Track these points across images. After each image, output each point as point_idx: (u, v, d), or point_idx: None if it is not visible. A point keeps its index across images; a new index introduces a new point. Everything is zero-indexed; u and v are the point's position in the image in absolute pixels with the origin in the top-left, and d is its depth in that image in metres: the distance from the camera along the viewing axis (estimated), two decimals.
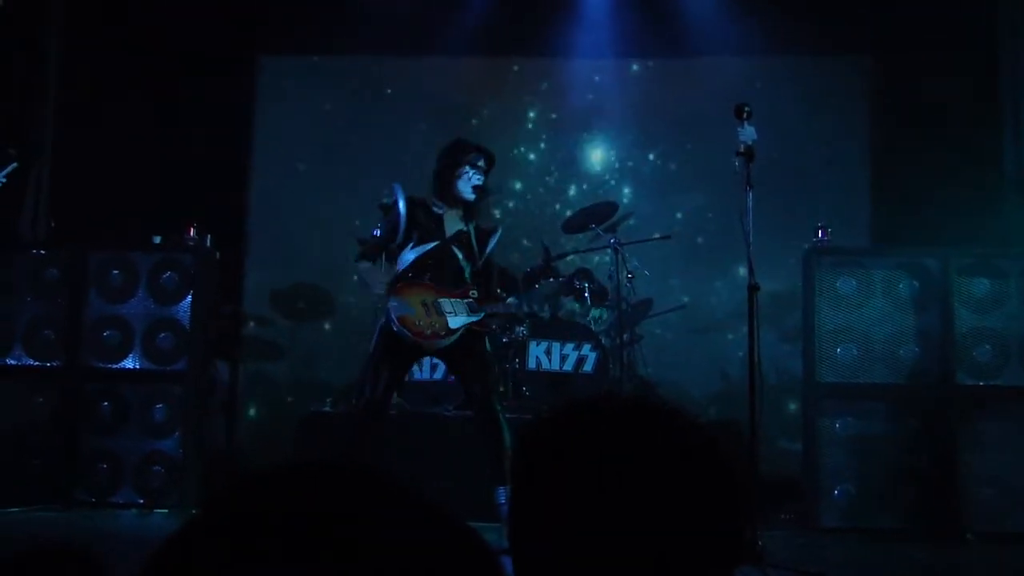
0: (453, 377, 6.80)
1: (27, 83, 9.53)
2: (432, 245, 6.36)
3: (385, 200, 6.57)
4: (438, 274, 6.34)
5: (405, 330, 6.19)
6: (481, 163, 6.42)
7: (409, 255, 6.37)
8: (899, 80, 9.65)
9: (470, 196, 6.40)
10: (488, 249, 6.53)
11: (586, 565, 1.29)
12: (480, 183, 6.40)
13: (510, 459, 5.93)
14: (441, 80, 10.35)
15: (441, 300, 6.26)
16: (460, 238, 6.44)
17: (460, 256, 6.42)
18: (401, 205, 6.37)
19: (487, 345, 6.47)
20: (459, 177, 6.37)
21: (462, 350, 6.34)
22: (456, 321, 6.25)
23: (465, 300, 6.32)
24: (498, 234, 6.62)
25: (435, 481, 6.98)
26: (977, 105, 9.19)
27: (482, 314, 6.34)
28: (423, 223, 6.38)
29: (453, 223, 6.45)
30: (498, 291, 6.69)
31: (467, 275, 6.43)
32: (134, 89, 9.71)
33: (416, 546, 1.00)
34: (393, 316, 6.19)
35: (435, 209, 6.42)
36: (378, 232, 6.47)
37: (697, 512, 1.32)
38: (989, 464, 7.42)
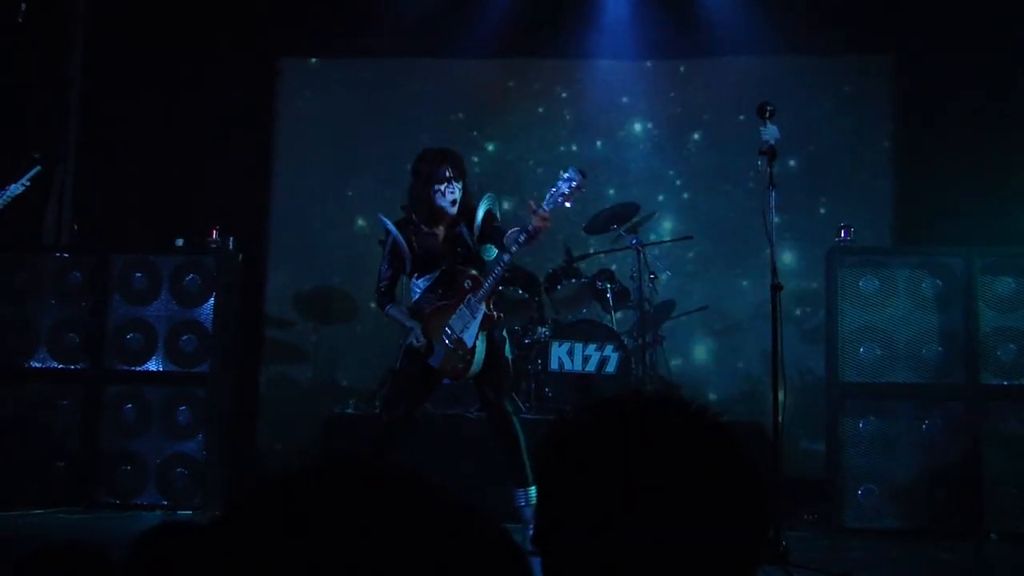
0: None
1: (50, 88, 9.58)
2: (437, 274, 6.33)
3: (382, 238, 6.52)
4: (449, 292, 6.30)
5: (449, 379, 6.36)
6: (448, 173, 6.22)
7: (419, 286, 6.38)
8: (922, 80, 9.60)
9: (453, 211, 6.27)
10: (477, 230, 6.36)
11: (613, 565, 1.29)
12: (456, 196, 6.25)
13: (533, 459, 5.97)
14: (462, 81, 10.35)
15: (451, 322, 6.23)
16: (457, 246, 6.35)
17: (466, 268, 6.33)
18: (397, 235, 6.32)
19: (507, 351, 6.47)
20: (434, 195, 6.22)
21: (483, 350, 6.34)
22: (470, 336, 6.22)
23: (465, 300, 6.23)
24: (484, 203, 6.41)
25: (456, 482, 6.98)
26: (1000, 104, 9.14)
27: (482, 308, 6.22)
28: (421, 252, 6.32)
29: (447, 231, 6.37)
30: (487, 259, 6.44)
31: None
32: (156, 93, 9.75)
33: (449, 547, 1.00)
34: (436, 368, 6.26)
35: (427, 229, 6.34)
36: (385, 268, 6.38)
37: (721, 511, 1.32)
38: (1013, 464, 7.39)
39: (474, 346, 6.21)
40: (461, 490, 1.12)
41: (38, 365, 8.19)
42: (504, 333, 6.49)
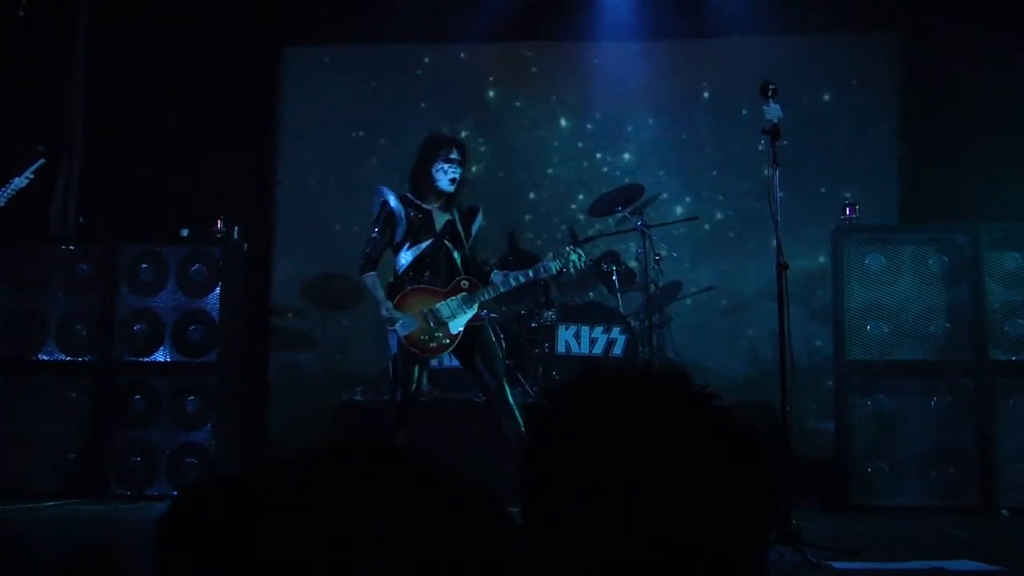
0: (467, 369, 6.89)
1: (54, 80, 9.58)
2: (427, 244, 6.61)
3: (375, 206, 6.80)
4: (435, 271, 6.61)
5: (414, 349, 6.51)
6: (454, 155, 6.63)
7: (406, 256, 6.63)
8: (927, 55, 9.55)
9: (449, 188, 6.63)
10: (474, 232, 6.78)
11: (608, 552, 1.26)
12: (456, 176, 6.62)
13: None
14: (466, 66, 10.33)
15: (439, 306, 6.53)
16: (449, 229, 6.68)
17: (452, 248, 6.66)
18: (395, 204, 6.63)
19: (489, 332, 6.73)
20: (435, 171, 6.59)
21: (469, 344, 6.60)
22: (456, 324, 6.54)
23: (459, 296, 6.56)
24: (480, 215, 6.85)
25: (464, 467, 6.99)
26: (1006, 79, 9.10)
27: (476, 306, 6.58)
28: (416, 223, 6.61)
29: (440, 215, 6.69)
30: (485, 269, 6.83)
31: (459, 264, 6.67)
32: (160, 83, 9.75)
33: (449, 528, 1.00)
34: (400, 337, 6.49)
35: (424, 205, 6.66)
36: (377, 235, 6.67)
37: (730, 492, 1.30)
38: (1022, 439, 7.38)
39: (458, 334, 6.54)
40: (468, 475, 1.11)
41: (46, 358, 8.22)
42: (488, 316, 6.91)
